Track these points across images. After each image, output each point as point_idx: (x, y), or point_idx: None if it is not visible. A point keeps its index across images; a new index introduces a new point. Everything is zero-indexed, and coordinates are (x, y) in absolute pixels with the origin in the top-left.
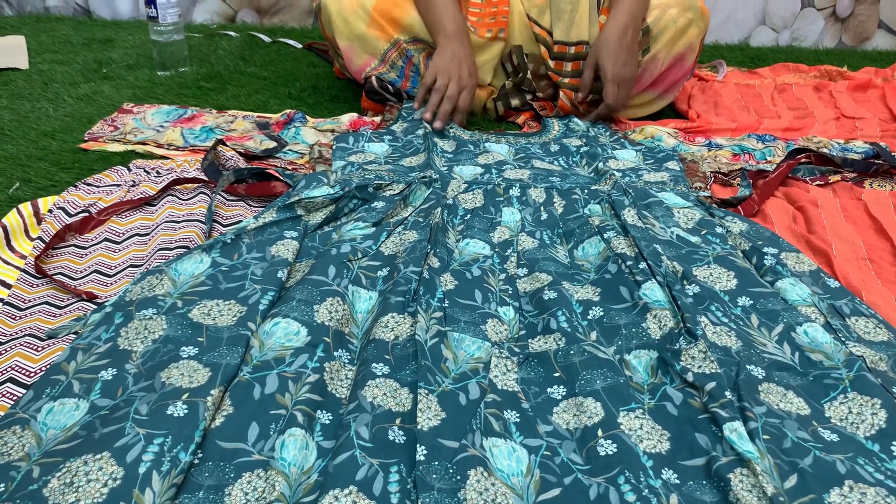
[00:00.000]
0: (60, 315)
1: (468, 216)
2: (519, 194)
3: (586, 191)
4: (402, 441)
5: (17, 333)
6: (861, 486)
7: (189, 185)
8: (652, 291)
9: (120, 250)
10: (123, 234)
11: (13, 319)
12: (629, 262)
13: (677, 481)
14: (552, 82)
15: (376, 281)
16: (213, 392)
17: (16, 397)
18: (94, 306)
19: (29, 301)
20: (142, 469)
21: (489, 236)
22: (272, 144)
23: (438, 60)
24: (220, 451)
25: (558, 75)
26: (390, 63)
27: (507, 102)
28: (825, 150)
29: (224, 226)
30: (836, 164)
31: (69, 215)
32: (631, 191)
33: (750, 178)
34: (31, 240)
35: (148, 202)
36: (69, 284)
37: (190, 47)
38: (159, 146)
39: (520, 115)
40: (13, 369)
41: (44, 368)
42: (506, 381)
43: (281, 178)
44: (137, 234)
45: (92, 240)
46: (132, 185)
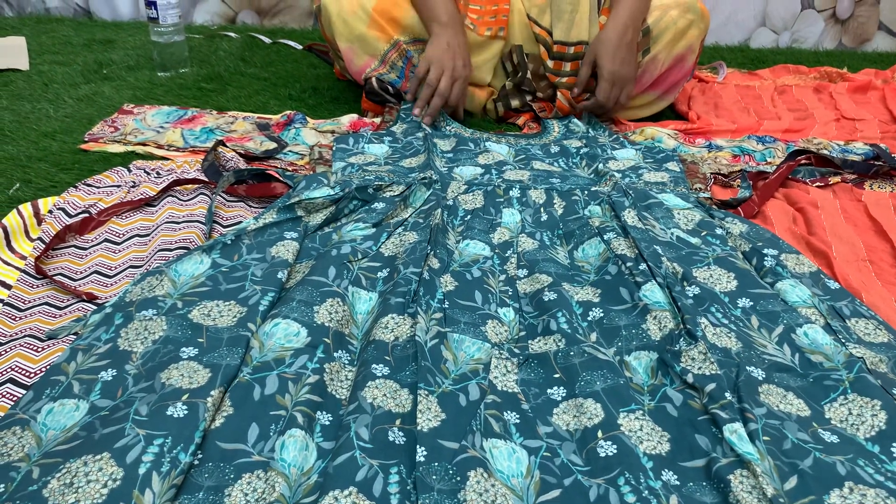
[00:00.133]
0: (60, 316)
1: (468, 217)
2: (519, 195)
3: (586, 192)
4: (402, 442)
5: (17, 334)
6: (861, 488)
7: (189, 185)
8: (652, 293)
9: (120, 251)
10: (123, 235)
11: (13, 320)
12: (629, 264)
13: (677, 482)
14: (551, 83)
15: (376, 282)
16: (213, 393)
17: (16, 398)
18: (94, 307)
19: (29, 302)
20: (142, 470)
21: (489, 237)
22: (272, 145)
23: (432, 50)
24: (220, 452)
25: (556, 76)
26: (390, 64)
27: (507, 103)
28: (825, 152)
29: (224, 227)
30: (837, 165)
31: (69, 216)
32: (631, 192)
33: (750, 180)
34: (32, 240)
35: (148, 203)
36: (69, 285)
37: (190, 48)
38: (159, 147)
39: (520, 117)
40: (13, 370)
41: (44, 369)
42: (506, 382)
43: (281, 179)
44: (137, 235)
45: (92, 240)
46: (132, 186)
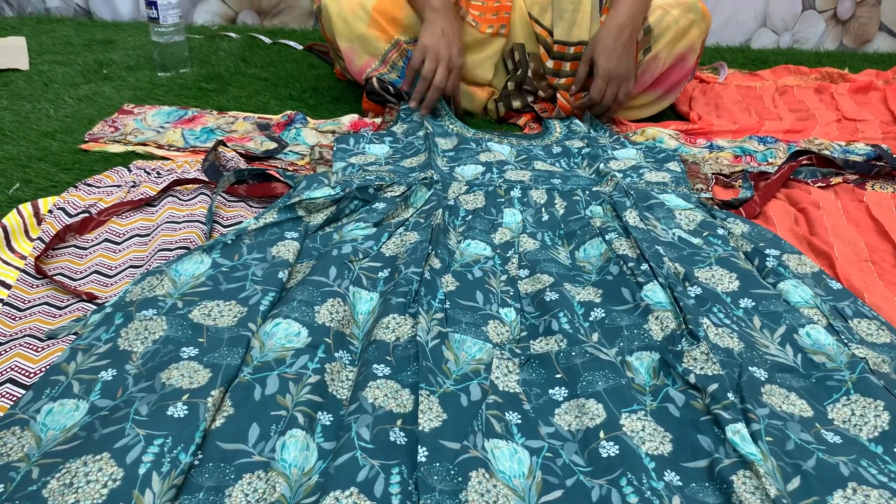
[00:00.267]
0: (60, 315)
1: (469, 217)
2: (520, 195)
3: (587, 192)
4: (404, 442)
5: (16, 334)
6: (864, 489)
7: (189, 185)
8: (654, 293)
9: (120, 251)
10: (124, 235)
11: (13, 320)
12: (631, 264)
13: (680, 483)
14: (551, 84)
15: (377, 282)
16: (213, 393)
17: (15, 398)
18: (94, 307)
19: (29, 301)
20: (142, 470)
21: (490, 237)
22: (273, 145)
23: (426, 38)
24: (221, 452)
25: (555, 76)
26: (391, 64)
27: (509, 104)
28: (827, 152)
29: (225, 226)
30: (838, 166)
31: (69, 216)
32: (632, 192)
33: (751, 180)
34: (31, 240)
35: (148, 203)
36: (69, 285)
37: (190, 48)
38: (160, 147)
39: (521, 118)
40: (13, 370)
41: (43, 369)
42: (507, 382)
43: (282, 179)
44: (138, 235)
45: (92, 240)
46: (133, 186)
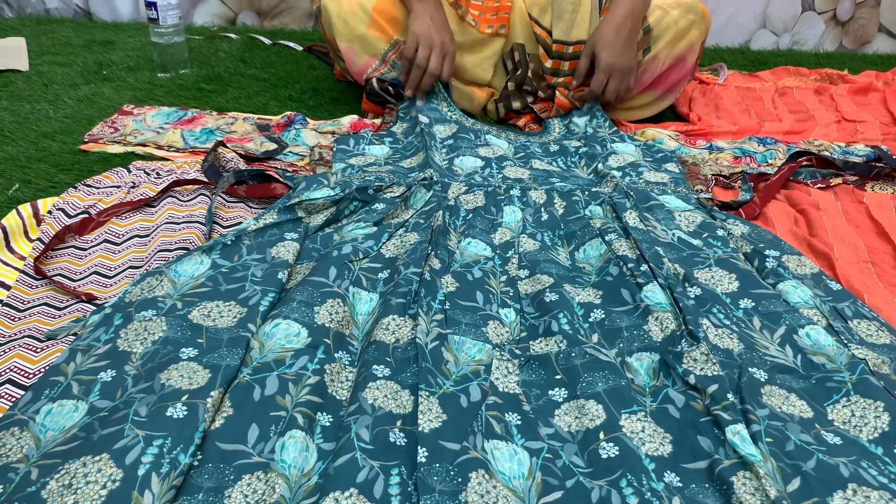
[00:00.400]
0: (60, 316)
1: (469, 216)
2: (520, 195)
3: (587, 192)
4: (403, 443)
5: (16, 335)
6: (864, 490)
7: (189, 186)
8: (653, 294)
9: (119, 251)
10: (123, 236)
11: (12, 321)
12: (630, 265)
13: (679, 484)
14: (550, 84)
15: (377, 283)
16: (212, 393)
17: (14, 399)
18: (94, 307)
19: (28, 302)
20: (141, 471)
21: (490, 237)
22: (272, 146)
23: (417, 26)
24: (220, 453)
25: (554, 76)
26: (391, 64)
27: (508, 104)
28: (826, 154)
29: (224, 227)
30: (838, 167)
31: (69, 216)
32: (632, 193)
33: (751, 181)
34: (31, 241)
35: (148, 203)
36: (68, 286)
37: (190, 49)
38: (159, 148)
39: (521, 118)
40: (12, 370)
41: (43, 370)
42: (507, 383)
43: (281, 179)
44: (137, 236)
45: (91, 241)
46: (132, 187)
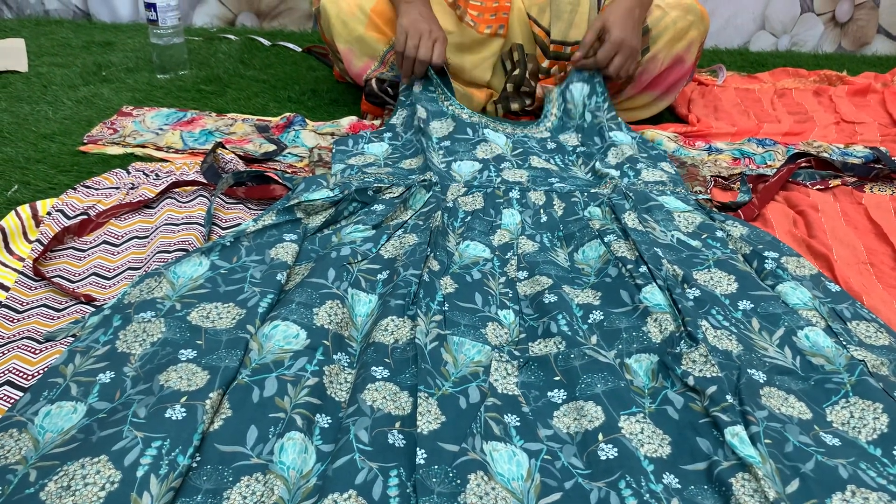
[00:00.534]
0: (58, 318)
1: (468, 218)
2: (518, 197)
3: (586, 194)
4: (402, 445)
5: (14, 336)
6: (863, 491)
7: (188, 187)
8: (652, 295)
9: (118, 253)
10: (122, 237)
11: (11, 322)
12: (629, 266)
13: (678, 486)
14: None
15: (376, 284)
16: (211, 395)
17: (13, 400)
18: (93, 309)
19: (27, 303)
20: (139, 472)
21: (489, 239)
22: (271, 147)
23: (404, 21)
24: (219, 455)
25: (548, 76)
26: (389, 65)
27: (507, 106)
28: (825, 155)
29: (223, 228)
30: (837, 168)
31: (68, 218)
32: (631, 194)
33: (750, 183)
34: (30, 242)
35: (147, 205)
36: (67, 287)
37: (189, 50)
38: (158, 149)
39: (520, 120)
40: (11, 372)
41: (41, 371)
42: (506, 384)
43: (280, 181)
44: (136, 237)
45: (90, 242)
46: (131, 188)
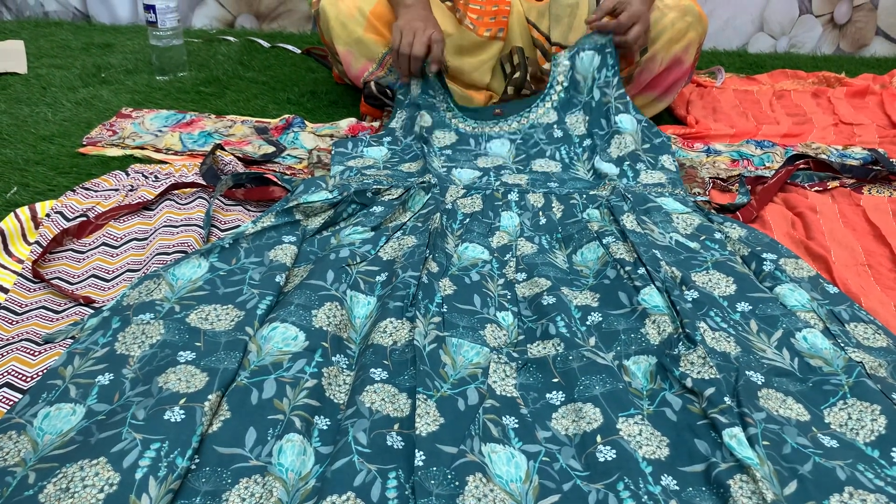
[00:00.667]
0: (58, 319)
1: (467, 220)
2: (517, 199)
3: (584, 196)
4: (401, 447)
5: (13, 338)
6: (861, 493)
7: (187, 189)
8: (651, 297)
9: (118, 255)
10: (121, 239)
11: (10, 324)
12: (628, 268)
13: (676, 487)
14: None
15: (375, 286)
16: (210, 397)
17: (12, 402)
18: (92, 311)
19: (26, 305)
20: (138, 474)
21: (488, 241)
22: (271, 149)
23: (400, 22)
24: (218, 457)
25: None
26: (388, 67)
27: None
28: (824, 157)
29: (222, 230)
30: (835, 170)
31: (67, 220)
32: (630, 196)
33: (748, 184)
34: (29, 244)
35: (146, 207)
36: (66, 289)
37: (189, 52)
38: (158, 151)
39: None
40: (9, 374)
41: (40, 373)
42: (504, 386)
43: (279, 182)
44: (135, 239)
45: (89, 244)
46: (130, 190)
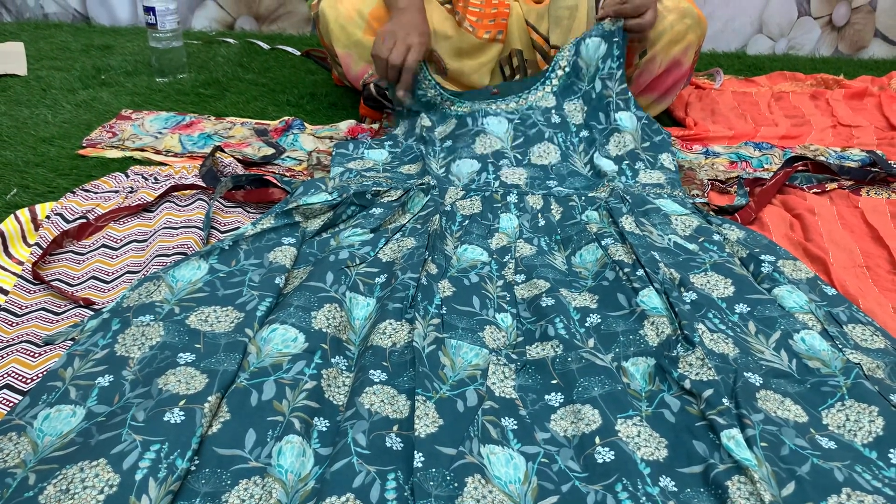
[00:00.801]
0: (57, 321)
1: (466, 222)
2: (516, 201)
3: (583, 197)
4: (400, 448)
5: (13, 339)
6: (859, 494)
7: (187, 191)
8: (649, 298)
9: (117, 256)
10: (121, 241)
11: (10, 325)
12: (626, 270)
13: (675, 489)
14: None
15: (374, 287)
16: (210, 398)
17: (12, 404)
18: (92, 312)
19: (26, 307)
20: (138, 476)
21: (487, 243)
22: (270, 151)
23: (385, 28)
24: (217, 458)
25: None
26: None
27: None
28: (822, 158)
29: (222, 232)
30: (833, 172)
31: (67, 221)
32: (628, 198)
33: (747, 186)
34: (29, 246)
35: (146, 208)
36: (66, 291)
37: (188, 54)
38: (157, 153)
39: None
40: (10, 375)
41: (40, 375)
42: (503, 388)
43: (279, 184)
44: (135, 241)
45: (89, 246)
46: (130, 192)
